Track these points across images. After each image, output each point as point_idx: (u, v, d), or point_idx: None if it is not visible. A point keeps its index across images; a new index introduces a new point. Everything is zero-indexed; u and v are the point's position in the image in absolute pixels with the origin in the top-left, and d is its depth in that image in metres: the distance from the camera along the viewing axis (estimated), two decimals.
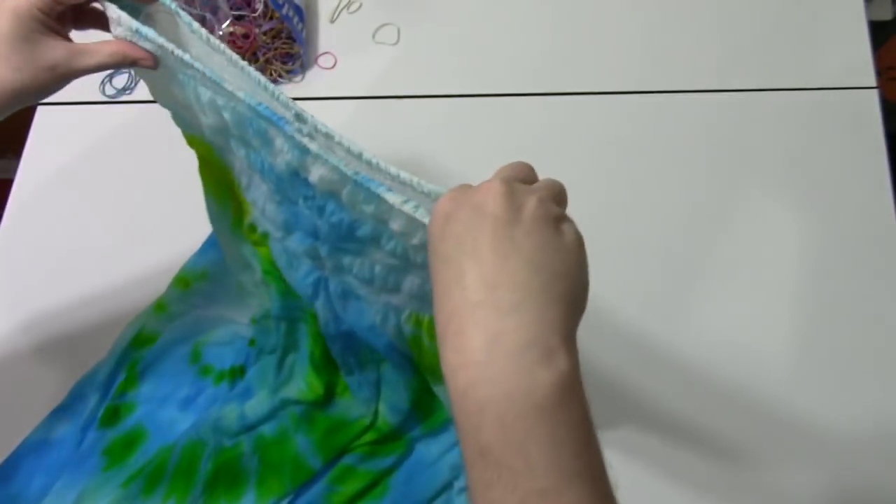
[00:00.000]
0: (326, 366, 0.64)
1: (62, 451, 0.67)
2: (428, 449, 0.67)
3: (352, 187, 0.44)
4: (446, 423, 0.66)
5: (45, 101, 0.85)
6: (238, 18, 0.82)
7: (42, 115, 0.84)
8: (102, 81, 0.85)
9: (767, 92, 0.80)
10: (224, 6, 0.81)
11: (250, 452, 0.67)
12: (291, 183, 0.49)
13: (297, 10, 0.83)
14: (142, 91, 0.85)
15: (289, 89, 0.83)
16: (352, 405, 0.67)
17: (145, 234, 0.77)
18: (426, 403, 0.64)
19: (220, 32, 0.80)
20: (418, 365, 0.57)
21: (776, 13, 0.83)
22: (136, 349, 0.71)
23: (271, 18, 0.83)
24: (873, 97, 0.78)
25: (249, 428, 0.67)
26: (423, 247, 0.42)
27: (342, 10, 0.88)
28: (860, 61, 0.80)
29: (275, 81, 0.84)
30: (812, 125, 0.78)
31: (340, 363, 0.63)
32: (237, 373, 0.71)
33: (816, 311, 0.70)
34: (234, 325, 0.72)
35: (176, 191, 0.78)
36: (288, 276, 0.58)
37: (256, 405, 0.67)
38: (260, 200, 0.55)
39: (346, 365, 0.64)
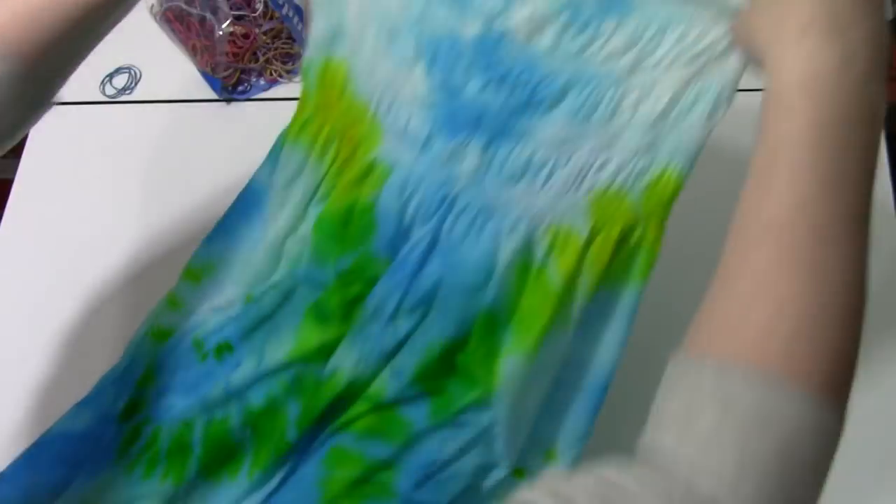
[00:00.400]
0: (336, 316, 0.60)
1: (84, 445, 0.67)
2: (440, 446, 0.59)
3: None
4: (459, 416, 0.59)
5: None
6: (238, 18, 0.82)
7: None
8: (102, 81, 0.86)
9: None
10: (224, 6, 0.81)
11: (240, 425, 0.63)
12: (475, 53, 0.50)
13: (297, 10, 0.83)
14: (141, 91, 0.85)
15: (289, 89, 0.83)
16: (345, 358, 0.61)
17: (145, 233, 0.77)
18: (442, 379, 0.59)
19: (220, 32, 0.80)
20: (513, 303, 0.55)
21: None
22: (152, 344, 0.70)
23: (271, 18, 0.83)
24: None
25: (236, 395, 0.63)
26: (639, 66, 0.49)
27: None
28: None
29: (275, 81, 0.84)
30: None
31: (372, 309, 0.58)
32: (224, 349, 0.67)
33: None
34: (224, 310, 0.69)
35: (176, 190, 0.78)
36: (393, 206, 0.56)
37: (241, 372, 0.63)
38: (402, 118, 0.54)
39: (378, 311, 0.58)
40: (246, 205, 0.67)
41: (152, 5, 0.83)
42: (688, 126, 0.50)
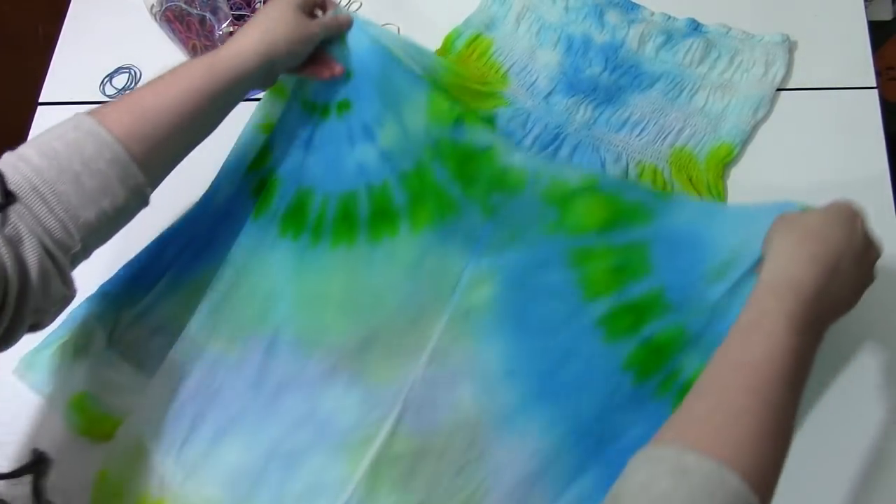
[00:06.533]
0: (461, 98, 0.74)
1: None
2: (679, 213, 0.66)
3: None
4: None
5: (45, 100, 0.86)
6: (238, 18, 0.82)
7: (42, 115, 0.85)
8: (102, 81, 0.86)
9: None
10: (224, 6, 0.81)
11: (397, 187, 0.72)
12: (600, 51, 0.78)
13: None
14: None
15: None
16: (482, 134, 0.71)
17: (145, 234, 0.76)
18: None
19: (220, 32, 0.80)
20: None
21: (775, 13, 0.83)
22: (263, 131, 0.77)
23: None
24: (873, 97, 0.78)
25: (389, 161, 0.72)
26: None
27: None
28: (860, 61, 0.80)
29: None
30: (812, 125, 0.78)
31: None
32: (344, 107, 0.73)
33: None
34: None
35: (175, 190, 0.78)
36: (516, 131, 0.76)
37: (389, 136, 0.71)
38: (531, 77, 0.79)
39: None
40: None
41: (152, 5, 0.83)
42: (741, 116, 0.76)
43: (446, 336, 0.67)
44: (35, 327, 0.56)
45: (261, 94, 0.83)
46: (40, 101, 0.85)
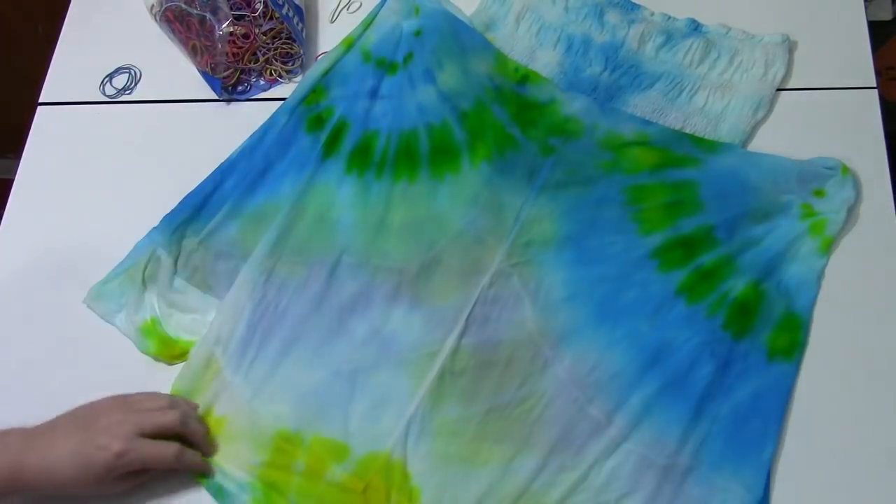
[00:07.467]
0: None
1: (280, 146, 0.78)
2: (726, 160, 0.74)
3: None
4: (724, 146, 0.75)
5: (45, 101, 0.85)
6: (238, 18, 0.82)
7: (42, 115, 0.84)
8: (102, 81, 0.85)
9: None
10: (224, 6, 0.81)
11: (457, 125, 0.76)
12: (600, 51, 0.79)
13: (297, 10, 0.83)
14: (141, 91, 0.85)
15: (289, 89, 0.83)
16: (544, 90, 0.78)
17: (145, 233, 0.77)
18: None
19: (220, 32, 0.80)
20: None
21: (775, 13, 0.83)
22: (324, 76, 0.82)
23: (271, 18, 0.83)
24: (873, 97, 0.78)
25: (449, 101, 0.77)
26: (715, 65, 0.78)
27: (342, 10, 0.88)
28: (860, 61, 0.80)
29: (275, 81, 0.84)
30: (812, 125, 0.78)
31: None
32: (409, 59, 0.80)
33: (815, 313, 0.70)
34: (391, 16, 0.83)
35: (176, 190, 0.78)
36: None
37: (449, 78, 0.78)
38: (562, 64, 0.80)
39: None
40: None
41: (152, 5, 0.83)
42: (740, 116, 0.76)
43: (507, 262, 0.71)
44: None
45: (262, 95, 0.84)
46: (40, 101, 0.85)
